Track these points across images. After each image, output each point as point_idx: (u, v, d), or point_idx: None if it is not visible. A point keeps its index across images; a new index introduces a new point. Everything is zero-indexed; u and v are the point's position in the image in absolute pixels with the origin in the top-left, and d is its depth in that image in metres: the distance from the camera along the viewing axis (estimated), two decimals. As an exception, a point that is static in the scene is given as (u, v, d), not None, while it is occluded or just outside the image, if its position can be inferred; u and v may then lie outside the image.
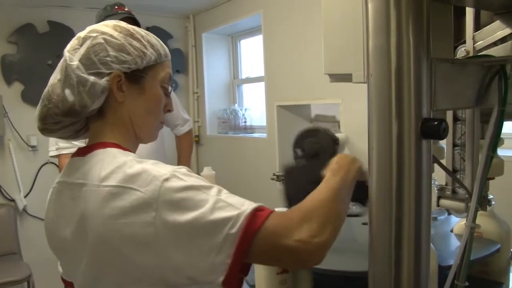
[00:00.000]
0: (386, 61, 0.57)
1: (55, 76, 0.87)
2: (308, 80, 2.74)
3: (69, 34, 3.28)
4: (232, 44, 3.92)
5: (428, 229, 0.59)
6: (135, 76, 0.88)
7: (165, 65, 0.93)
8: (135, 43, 0.88)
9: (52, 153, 1.98)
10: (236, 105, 3.82)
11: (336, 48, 0.74)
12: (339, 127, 2.56)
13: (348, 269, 0.90)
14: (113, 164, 0.81)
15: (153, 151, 2.05)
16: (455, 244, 1.05)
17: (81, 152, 0.89)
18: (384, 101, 0.58)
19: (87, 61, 0.85)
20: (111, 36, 0.87)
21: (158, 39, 0.94)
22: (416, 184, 0.58)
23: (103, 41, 0.86)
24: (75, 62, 0.85)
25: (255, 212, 0.73)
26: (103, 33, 0.87)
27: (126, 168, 0.79)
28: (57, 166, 3.14)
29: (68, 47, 0.89)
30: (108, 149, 0.86)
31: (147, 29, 2.00)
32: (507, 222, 1.06)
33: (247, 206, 0.74)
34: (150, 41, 0.90)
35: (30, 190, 3.24)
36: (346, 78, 0.73)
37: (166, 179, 0.74)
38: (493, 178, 0.90)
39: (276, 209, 0.78)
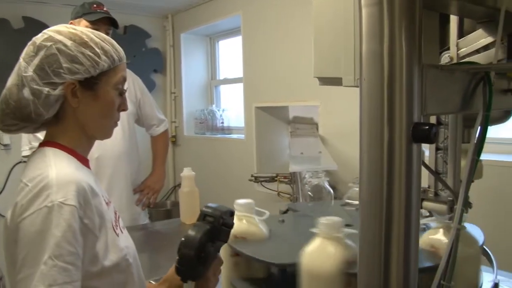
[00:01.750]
0: (379, 66, 0.58)
1: (12, 79, 0.92)
2: (287, 81, 2.76)
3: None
4: (210, 45, 3.91)
5: (417, 231, 0.61)
6: (89, 83, 0.93)
7: (118, 69, 0.97)
8: (88, 52, 0.91)
9: (25, 153, 1.93)
10: (214, 105, 3.81)
11: (326, 52, 0.75)
12: (317, 129, 2.59)
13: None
14: (37, 163, 0.90)
15: (125, 152, 2.02)
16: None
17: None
18: (376, 105, 0.59)
19: (41, 72, 0.89)
20: (65, 46, 0.91)
21: (113, 43, 0.98)
22: (406, 186, 0.59)
23: (56, 51, 0.90)
24: (30, 74, 0.90)
25: None
26: (57, 42, 0.91)
27: (41, 169, 0.87)
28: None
29: (24, 54, 0.94)
30: (45, 148, 0.94)
31: (125, 28, 1.97)
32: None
33: None
34: (104, 48, 0.94)
35: (2, 190, 3.16)
36: (335, 81, 0.74)
37: (48, 207, 0.80)
38: (472, 181, 0.93)
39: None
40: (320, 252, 0.94)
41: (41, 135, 1.80)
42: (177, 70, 3.89)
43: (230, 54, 3.79)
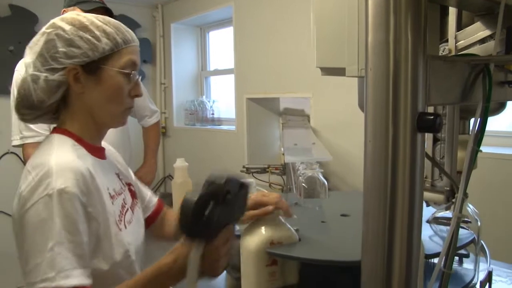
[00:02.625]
0: (384, 56, 0.59)
1: (24, 69, 0.92)
2: (278, 73, 2.76)
3: (32, 19, 3.17)
4: (201, 36, 3.89)
5: (420, 220, 0.62)
6: (92, 68, 0.92)
7: (124, 53, 0.95)
8: (86, 35, 0.90)
9: (15, 142, 1.90)
10: (204, 97, 3.80)
11: (329, 42, 0.75)
12: (308, 121, 2.60)
13: (335, 258, 0.92)
14: (43, 149, 0.91)
15: (116, 142, 2.01)
16: (429, 233, 1.09)
17: None
18: (382, 94, 0.60)
19: (41, 58, 0.90)
20: (63, 30, 0.90)
21: (119, 26, 0.96)
22: (410, 175, 0.60)
23: (55, 37, 0.90)
24: (29, 60, 0.91)
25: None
26: (57, 28, 0.91)
27: (43, 156, 0.88)
28: (19, 156, 3.04)
29: (31, 42, 0.94)
30: (53, 135, 0.94)
31: (114, 17, 1.94)
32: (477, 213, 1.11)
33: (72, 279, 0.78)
34: (106, 31, 0.92)
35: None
36: (338, 72, 0.74)
37: (50, 195, 0.80)
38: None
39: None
40: (252, 230, 1.00)
41: (34, 126, 1.80)
42: (167, 61, 3.87)
43: (221, 45, 3.78)
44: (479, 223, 0.98)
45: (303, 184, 1.38)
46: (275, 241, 0.99)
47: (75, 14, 0.94)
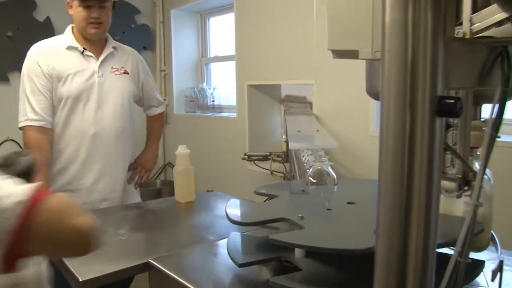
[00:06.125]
0: (403, 37, 0.56)
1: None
2: (280, 59, 2.72)
3: (30, 5, 3.12)
4: (201, 22, 3.84)
5: (437, 208, 0.60)
6: None
7: None
8: None
9: (20, 124, 1.89)
10: (204, 84, 3.77)
11: (341, 23, 0.72)
12: (311, 108, 2.57)
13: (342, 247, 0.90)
14: None
15: (122, 131, 2.00)
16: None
17: None
18: (399, 77, 0.57)
19: None
20: None
21: None
22: (428, 162, 0.58)
23: None
24: None
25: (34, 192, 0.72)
26: None
27: None
28: (18, 144, 3.02)
29: None
30: None
31: (114, 3, 1.93)
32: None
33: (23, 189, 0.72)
34: None
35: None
36: (351, 54, 0.71)
37: None
38: (477, 148, 0.95)
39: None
40: None
41: (40, 111, 1.80)
42: (167, 47, 3.83)
43: (221, 31, 3.74)
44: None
45: (310, 178, 1.35)
46: None
47: None
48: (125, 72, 2.04)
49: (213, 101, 3.63)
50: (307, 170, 1.41)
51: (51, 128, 1.88)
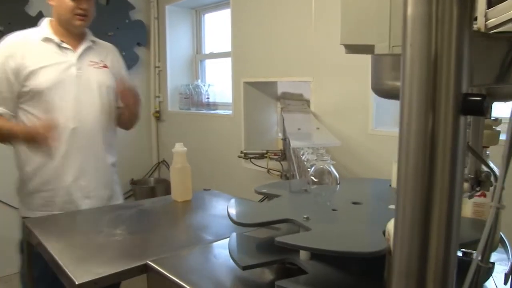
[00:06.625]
0: (426, 31, 0.53)
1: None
2: (277, 56, 2.69)
3: (22, 0, 3.06)
4: (196, 18, 3.80)
5: (459, 211, 0.57)
6: None
7: None
8: None
9: None
10: (199, 80, 3.73)
11: (356, 16, 0.69)
12: (308, 105, 2.54)
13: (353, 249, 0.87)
14: None
15: (102, 126, 1.91)
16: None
17: None
18: (422, 73, 0.54)
19: None
20: None
21: None
22: (451, 162, 0.55)
23: None
24: None
25: None
26: None
27: None
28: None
29: None
30: None
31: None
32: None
33: None
34: None
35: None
36: (365, 49, 0.68)
37: None
38: (488, 147, 0.93)
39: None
40: None
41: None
42: (161, 44, 3.78)
43: (216, 27, 3.69)
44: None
45: (312, 177, 1.31)
46: None
47: None
48: (105, 66, 1.97)
49: (208, 98, 3.59)
50: (308, 169, 1.38)
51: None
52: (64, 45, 1.86)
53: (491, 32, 0.74)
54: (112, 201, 2.01)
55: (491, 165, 0.80)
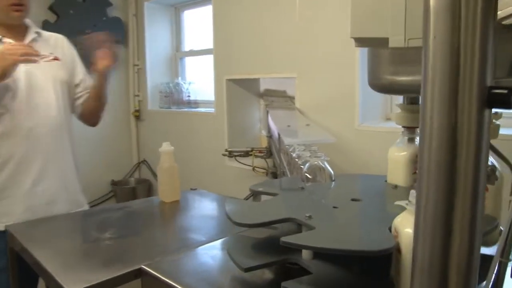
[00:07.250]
0: (450, 23, 0.51)
1: None
2: (260, 53, 2.66)
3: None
4: (176, 15, 3.74)
5: (482, 209, 0.56)
6: None
7: None
8: None
9: None
10: (179, 78, 3.67)
11: (367, 8, 0.67)
12: (292, 102, 2.52)
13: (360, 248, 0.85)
14: None
15: (63, 124, 1.79)
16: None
17: None
18: (446, 66, 0.52)
19: None
20: None
21: None
22: (476, 157, 0.53)
23: None
24: None
25: None
26: None
27: None
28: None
29: None
30: None
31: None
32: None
33: None
34: None
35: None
36: (378, 42, 0.66)
37: None
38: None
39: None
40: None
41: None
42: (140, 41, 3.71)
43: (196, 24, 3.64)
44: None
45: (306, 174, 1.30)
46: None
47: None
48: (55, 59, 1.82)
49: (189, 96, 3.54)
50: (301, 166, 1.36)
51: None
52: (6, 40, 1.70)
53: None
54: (76, 208, 1.86)
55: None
